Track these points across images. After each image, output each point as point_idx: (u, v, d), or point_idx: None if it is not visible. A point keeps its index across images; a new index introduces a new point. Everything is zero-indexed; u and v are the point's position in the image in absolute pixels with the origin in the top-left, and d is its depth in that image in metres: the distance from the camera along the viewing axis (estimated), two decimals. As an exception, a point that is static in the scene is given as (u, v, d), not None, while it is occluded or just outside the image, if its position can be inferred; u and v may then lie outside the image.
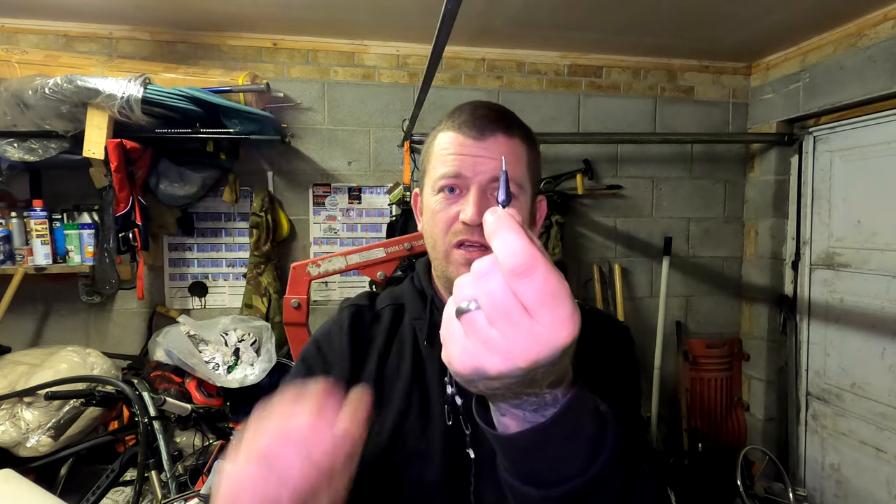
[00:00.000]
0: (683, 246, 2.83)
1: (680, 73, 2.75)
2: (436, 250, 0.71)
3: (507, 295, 0.33)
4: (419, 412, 0.70)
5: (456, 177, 0.67)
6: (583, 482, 0.40)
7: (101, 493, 1.71)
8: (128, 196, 2.05)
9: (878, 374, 2.25)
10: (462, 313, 0.35)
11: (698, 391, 2.76)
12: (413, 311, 0.78)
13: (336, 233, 2.55)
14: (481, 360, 0.34)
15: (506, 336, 0.33)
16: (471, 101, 0.72)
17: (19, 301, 2.12)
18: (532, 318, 0.33)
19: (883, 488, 2.24)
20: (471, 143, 0.67)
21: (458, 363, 0.36)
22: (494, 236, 0.35)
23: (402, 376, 0.73)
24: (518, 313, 0.33)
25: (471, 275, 0.36)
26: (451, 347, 0.37)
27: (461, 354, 0.36)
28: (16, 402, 1.79)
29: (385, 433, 0.70)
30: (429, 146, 0.74)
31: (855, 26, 2.18)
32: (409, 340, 0.76)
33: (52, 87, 1.84)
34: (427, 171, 0.73)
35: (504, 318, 0.33)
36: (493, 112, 0.69)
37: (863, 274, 2.32)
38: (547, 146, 2.62)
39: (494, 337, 0.34)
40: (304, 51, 2.44)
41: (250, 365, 2.09)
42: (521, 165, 0.69)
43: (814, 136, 2.56)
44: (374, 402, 0.72)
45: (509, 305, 0.33)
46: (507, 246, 0.34)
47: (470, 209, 0.64)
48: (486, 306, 0.34)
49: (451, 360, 0.37)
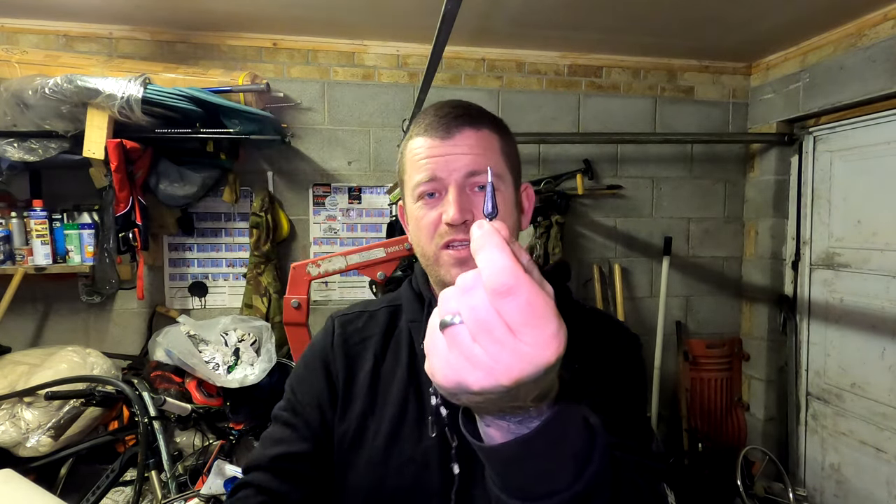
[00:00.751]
0: (683, 246, 2.83)
1: (680, 73, 2.75)
2: (425, 256, 0.70)
3: (490, 312, 0.33)
4: (415, 417, 0.69)
5: (432, 180, 0.66)
6: (569, 496, 0.39)
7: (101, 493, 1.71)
8: (128, 196, 2.05)
9: (878, 374, 2.25)
10: (445, 326, 0.35)
11: (698, 391, 2.76)
12: (410, 314, 0.77)
13: (336, 233, 2.55)
14: (464, 374, 0.34)
15: (489, 353, 0.33)
16: (434, 103, 0.72)
17: (19, 301, 2.12)
18: (516, 336, 0.33)
19: (883, 488, 2.24)
20: (439, 144, 0.67)
21: (441, 376, 0.35)
22: (479, 253, 0.35)
23: (397, 380, 0.72)
24: (501, 331, 0.33)
25: (456, 288, 0.36)
26: (434, 360, 0.36)
27: (444, 368, 0.35)
28: (16, 402, 1.78)
29: (381, 438, 0.69)
30: (401, 156, 0.73)
31: (855, 26, 2.18)
32: (405, 343, 0.75)
33: (52, 87, 1.84)
34: (404, 180, 0.72)
35: (487, 335, 0.33)
36: (456, 108, 0.69)
37: (863, 274, 2.32)
38: (547, 146, 2.62)
39: (478, 353, 0.33)
40: (304, 51, 2.44)
41: (250, 365, 2.09)
42: (495, 155, 0.68)
43: (814, 136, 2.56)
44: (370, 404, 0.72)
45: (492, 323, 0.33)
46: (491, 264, 0.34)
47: (451, 209, 0.64)
48: (470, 322, 0.34)
49: (434, 372, 0.36)
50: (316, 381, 0.76)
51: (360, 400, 0.73)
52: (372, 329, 0.78)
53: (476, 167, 0.65)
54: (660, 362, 2.64)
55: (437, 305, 0.37)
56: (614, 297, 2.70)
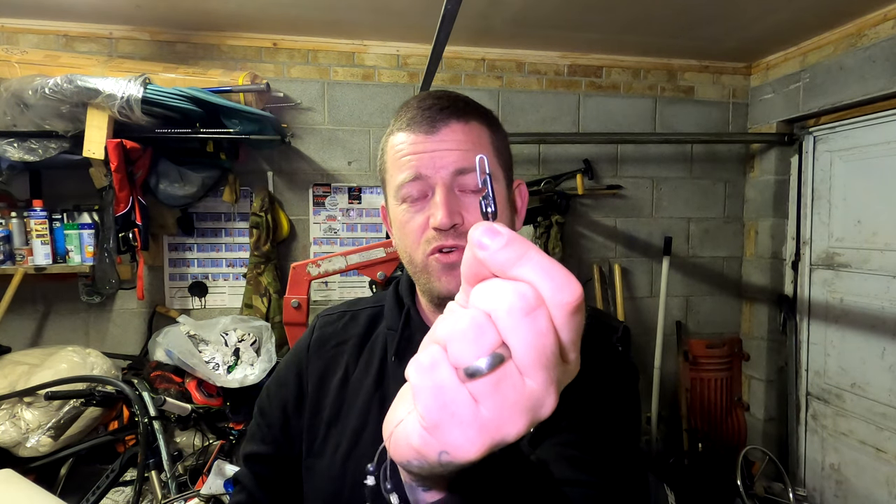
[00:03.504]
0: (683, 246, 2.83)
1: (680, 73, 2.75)
2: (413, 264, 0.64)
3: (554, 337, 0.25)
4: (375, 431, 0.66)
5: (416, 179, 0.60)
6: None
7: (101, 493, 1.71)
8: (128, 196, 2.05)
9: (878, 374, 2.25)
10: (476, 375, 0.25)
11: (698, 391, 2.76)
12: (388, 320, 0.73)
13: (336, 233, 2.55)
14: (507, 427, 0.25)
15: (543, 387, 0.25)
16: (417, 94, 0.66)
17: (19, 301, 2.12)
18: (567, 363, 0.27)
19: (883, 488, 2.24)
20: (423, 139, 0.60)
21: (463, 440, 0.25)
22: (522, 262, 0.26)
23: (363, 391, 0.69)
24: (556, 358, 0.25)
25: (502, 310, 0.25)
26: (455, 429, 0.25)
27: (471, 429, 0.25)
28: (16, 402, 1.78)
29: (341, 451, 0.67)
30: (383, 153, 0.67)
31: (855, 26, 2.18)
32: (378, 351, 0.71)
33: (52, 87, 1.84)
34: (386, 179, 0.66)
35: (547, 368, 0.25)
36: (441, 100, 0.62)
37: (863, 274, 2.32)
38: (547, 146, 2.62)
39: (532, 390, 0.25)
40: (304, 51, 2.44)
41: (250, 365, 2.09)
42: (486, 150, 0.62)
43: (814, 136, 2.56)
44: (335, 414, 0.70)
45: (555, 350, 0.25)
46: (552, 274, 0.25)
47: (440, 213, 0.58)
48: (527, 353, 0.25)
49: (439, 439, 0.25)
50: (286, 387, 0.74)
51: (327, 409, 0.70)
52: (350, 332, 0.75)
53: (465, 164, 0.59)
54: (660, 362, 2.64)
55: (415, 315, 0.27)
56: (614, 297, 2.70)
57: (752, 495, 2.33)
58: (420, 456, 0.26)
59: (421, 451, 0.26)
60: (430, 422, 0.25)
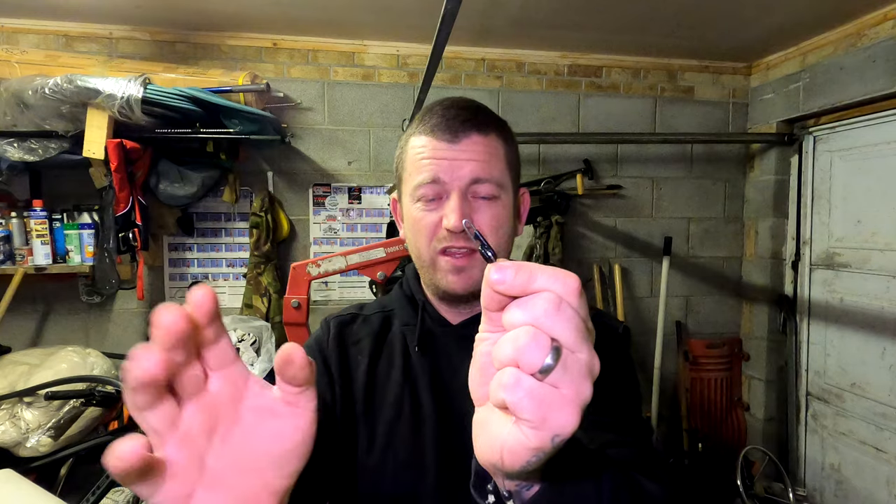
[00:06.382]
0: (683, 246, 2.83)
1: (680, 73, 2.75)
2: (421, 259, 0.69)
3: (578, 316, 0.31)
4: (410, 422, 0.68)
5: (434, 182, 0.65)
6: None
7: (101, 493, 1.71)
8: (128, 196, 2.05)
9: (878, 374, 2.25)
10: (548, 370, 0.30)
11: (698, 391, 2.76)
12: (403, 318, 0.76)
13: (336, 233, 2.55)
14: (582, 393, 0.31)
15: (589, 352, 0.32)
16: (441, 101, 0.70)
17: (19, 301, 2.12)
18: (589, 330, 0.33)
19: (883, 488, 2.24)
20: (445, 147, 0.65)
21: (556, 424, 0.30)
22: (536, 275, 0.32)
23: (392, 384, 0.71)
24: (586, 329, 0.32)
25: (545, 307, 0.31)
26: (555, 413, 0.30)
27: (560, 412, 0.30)
28: (16, 402, 1.78)
29: (378, 443, 0.68)
30: (402, 151, 0.71)
31: (855, 26, 2.18)
32: (398, 347, 0.74)
33: (52, 87, 1.84)
34: (403, 178, 0.71)
35: (585, 337, 0.31)
36: (464, 111, 0.67)
37: (863, 274, 2.32)
38: (547, 146, 2.62)
39: (585, 359, 0.31)
40: (304, 51, 2.44)
41: (250, 365, 2.09)
42: (500, 163, 0.67)
43: (814, 136, 2.56)
44: (366, 405, 0.71)
45: (582, 324, 0.31)
46: (564, 279, 0.32)
47: (452, 216, 0.63)
48: (571, 333, 0.30)
49: (559, 422, 0.30)
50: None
51: (358, 402, 0.72)
52: (366, 331, 0.77)
53: (480, 174, 0.65)
54: (660, 362, 2.64)
55: (430, 308, 0.34)
56: (614, 297, 2.70)
57: (752, 495, 2.33)
58: (538, 450, 0.31)
59: (539, 446, 0.31)
60: (538, 419, 0.30)
